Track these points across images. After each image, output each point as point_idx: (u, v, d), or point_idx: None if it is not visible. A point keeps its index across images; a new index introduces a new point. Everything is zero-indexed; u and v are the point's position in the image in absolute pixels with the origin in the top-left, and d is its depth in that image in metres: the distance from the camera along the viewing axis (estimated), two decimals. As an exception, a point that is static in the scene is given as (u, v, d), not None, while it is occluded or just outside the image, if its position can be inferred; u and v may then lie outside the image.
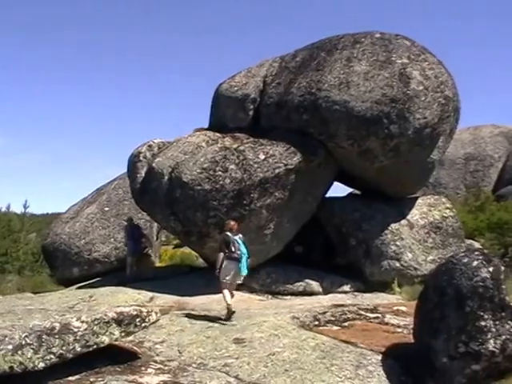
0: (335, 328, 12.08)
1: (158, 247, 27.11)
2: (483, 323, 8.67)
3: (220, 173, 15.99)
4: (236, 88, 18.96)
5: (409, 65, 16.41)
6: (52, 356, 8.49)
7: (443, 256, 16.86)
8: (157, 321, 10.53)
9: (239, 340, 11.00)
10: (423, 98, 16.13)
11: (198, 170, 16.11)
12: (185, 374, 9.32)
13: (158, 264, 25.45)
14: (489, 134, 34.14)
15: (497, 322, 8.70)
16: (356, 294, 17.02)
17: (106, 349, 9.40)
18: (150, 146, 18.57)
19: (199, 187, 15.94)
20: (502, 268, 9.25)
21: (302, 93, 16.97)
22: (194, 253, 22.29)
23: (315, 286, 17.09)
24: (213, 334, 11.53)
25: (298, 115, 16.98)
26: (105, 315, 9.41)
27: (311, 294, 16.87)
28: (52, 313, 10.91)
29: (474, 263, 9.12)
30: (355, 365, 9.66)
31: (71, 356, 8.74)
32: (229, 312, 12.72)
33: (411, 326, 10.70)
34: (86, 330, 8.99)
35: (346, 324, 12.43)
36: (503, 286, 8.92)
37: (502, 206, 25.42)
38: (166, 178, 16.73)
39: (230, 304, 12.79)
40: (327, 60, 17.22)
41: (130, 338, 10.46)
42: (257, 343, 10.77)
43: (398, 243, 17.52)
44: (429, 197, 19.97)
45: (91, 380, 8.79)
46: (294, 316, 12.76)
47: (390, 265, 17.35)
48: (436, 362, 9.00)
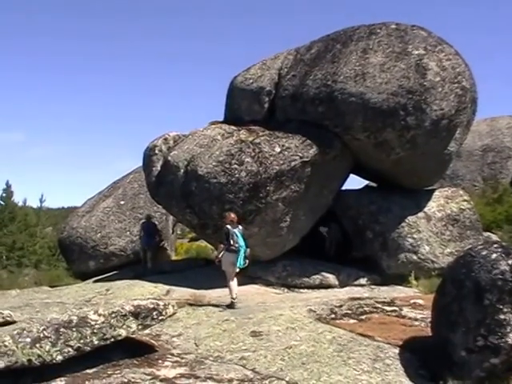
0: (352, 321, 12.04)
1: (174, 241, 27.18)
2: (502, 316, 8.58)
3: (236, 166, 15.94)
4: (251, 80, 18.90)
5: (425, 56, 16.25)
6: (70, 349, 8.53)
7: (461, 249, 16.71)
8: (173, 314, 10.53)
9: (256, 333, 11.00)
10: (440, 89, 15.98)
11: (214, 163, 16.07)
12: (202, 366, 9.32)
13: (174, 257, 25.52)
14: (506, 126, 33.70)
15: (516, 316, 8.62)
16: (373, 287, 16.95)
17: (123, 342, 9.42)
18: (165, 139, 18.53)
19: (215, 180, 15.91)
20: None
21: (318, 85, 16.88)
22: (209, 246, 22.30)
23: (331, 278, 17.02)
24: (229, 327, 11.54)
25: (314, 107, 16.90)
26: (122, 308, 9.43)
27: (327, 287, 16.80)
28: (69, 306, 11.01)
29: (493, 256, 9.03)
30: (372, 358, 9.62)
31: (88, 349, 8.78)
32: (233, 304, 13.45)
33: (429, 320, 10.65)
34: (103, 323, 9.03)
35: (362, 317, 12.39)
36: (523, 279, 8.83)
37: (520, 198, 25.21)
38: (182, 171, 16.71)
39: (233, 298, 13.58)
40: (343, 52, 17.11)
41: (147, 331, 10.49)
42: (273, 336, 10.76)
43: (415, 236, 17.44)
44: (446, 189, 19.80)
45: (109, 373, 8.81)
46: (310, 309, 12.75)
47: (407, 258, 17.28)
48: (454, 356, 8.92)
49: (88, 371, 8.82)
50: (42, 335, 8.37)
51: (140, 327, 9.61)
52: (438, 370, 9.15)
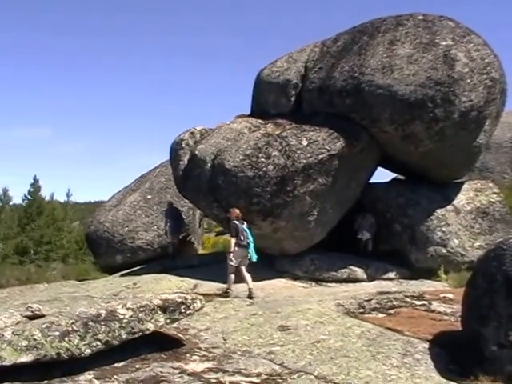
0: (381, 315, 11.96)
1: (201, 235, 27.25)
2: (535, 311, 8.44)
3: (263, 159, 15.87)
4: (277, 73, 18.83)
5: (453, 47, 16.05)
6: (98, 343, 8.54)
7: (490, 242, 16.56)
8: (201, 308, 10.52)
9: (284, 327, 10.96)
10: (469, 80, 15.78)
11: (241, 157, 16.02)
12: (230, 361, 9.30)
13: (201, 251, 25.58)
14: (536, 117, 33.23)
15: (548, 310, 8.46)
16: (401, 280, 16.86)
17: (151, 336, 9.43)
18: (192, 133, 18.50)
19: (242, 174, 15.86)
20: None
21: (345, 77, 16.77)
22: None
23: (360, 272, 16.94)
24: (257, 321, 11.51)
25: (341, 100, 16.79)
26: (150, 302, 9.43)
27: (355, 281, 16.73)
28: (97, 300, 11.02)
29: (525, 249, 8.87)
30: (402, 353, 9.52)
31: (117, 343, 8.79)
32: (227, 293, 14.33)
33: (458, 314, 10.53)
34: (131, 317, 9.03)
35: (391, 311, 12.30)
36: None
37: (550, 191, 24.76)
38: (209, 165, 16.68)
39: (230, 289, 14.43)
40: (370, 43, 16.97)
41: (175, 325, 10.49)
42: (302, 330, 10.71)
43: (444, 229, 17.31)
44: (475, 181, 19.58)
45: (137, 367, 8.83)
46: (338, 303, 12.69)
47: (436, 251, 17.16)
48: (485, 351, 8.78)
49: (116, 365, 8.84)
50: (70, 329, 8.39)
51: (168, 321, 9.61)
52: (469, 365, 9.00)
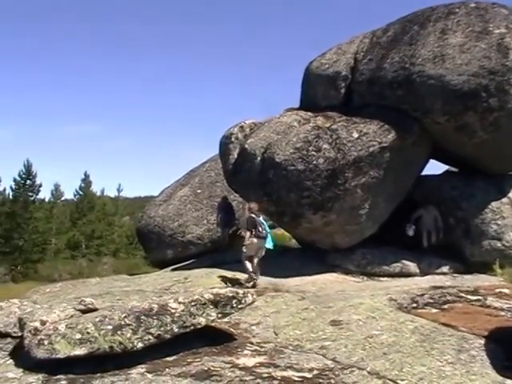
0: (434, 311, 11.72)
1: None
2: None
3: (313, 152, 15.74)
4: (327, 66, 18.67)
5: (507, 34, 15.63)
6: (150, 336, 8.58)
7: (547, 235, 16.15)
8: (252, 302, 10.46)
9: (336, 322, 10.85)
10: (524, 68, 15.36)
11: (291, 150, 15.92)
12: (281, 355, 9.23)
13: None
14: None
15: None
16: (455, 275, 16.58)
17: (203, 330, 9.44)
18: (241, 127, 18.50)
19: (292, 167, 15.76)
20: None
21: (395, 68, 16.50)
22: (286, 234, 22.23)
23: (412, 267, 16.72)
24: (309, 315, 11.43)
25: (392, 91, 16.54)
26: (201, 297, 9.43)
27: (408, 275, 16.53)
28: (149, 294, 11.10)
29: None
30: (457, 349, 9.29)
31: (169, 337, 8.81)
32: (250, 278, 14.87)
33: (516, 309, 10.27)
34: (183, 311, 9.04)
35: (445, 306, 12.04)
36: None
37: None
38: (259, 158, 16.64)
39: (252, 272, 14.97)
40: (420, 33, 16.66)
41: (226, 319, 10.48)
42: (354, 325, 10.58)
43: (499, 222, 16.97)
44: (531, 174, 19.07)
45: (188, 360, 8.83)
46: (391, 298, 12.52)
47: (491, 245, 16.84)
48: (543, 348, 8.55)
49: (168, 359, 8.85)
50: (123, 323, 8.46)
51: (219, 315, 9.59)
52: (526, 363, 8.79)
